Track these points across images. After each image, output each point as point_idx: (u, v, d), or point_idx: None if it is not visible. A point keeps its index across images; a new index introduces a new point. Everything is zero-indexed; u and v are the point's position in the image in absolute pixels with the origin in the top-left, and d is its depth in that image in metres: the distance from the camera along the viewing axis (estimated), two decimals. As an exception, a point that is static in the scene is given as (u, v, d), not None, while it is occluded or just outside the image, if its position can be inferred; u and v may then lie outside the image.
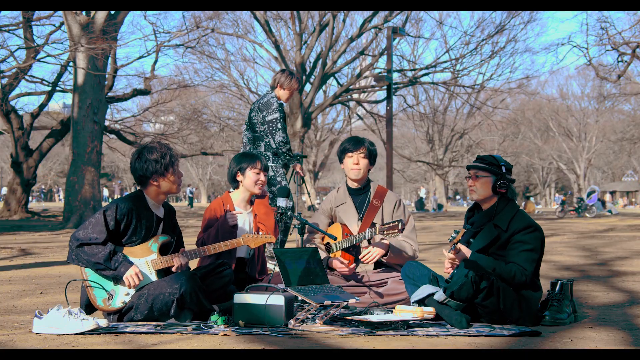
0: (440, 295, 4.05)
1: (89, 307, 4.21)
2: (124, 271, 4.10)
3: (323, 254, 5.00)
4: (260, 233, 4.64)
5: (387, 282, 4.89)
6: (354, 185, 5.21)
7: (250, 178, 4.95)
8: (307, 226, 5.11)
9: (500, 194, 4.27)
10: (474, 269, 4.02)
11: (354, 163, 5.13)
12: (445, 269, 4.33)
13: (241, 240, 4.58)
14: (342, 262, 4.86)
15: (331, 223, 5.23)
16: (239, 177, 4.98)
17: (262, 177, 4.97)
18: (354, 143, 5.18)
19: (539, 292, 4.19)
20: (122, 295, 4.17)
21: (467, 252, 4.16)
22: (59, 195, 60.77)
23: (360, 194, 5.19)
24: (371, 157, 5.18)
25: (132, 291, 4.16)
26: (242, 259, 4.93)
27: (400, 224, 4.53)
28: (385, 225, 4.61)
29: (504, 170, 4.27)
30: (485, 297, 3.97)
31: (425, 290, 4.23)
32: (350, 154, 5.15)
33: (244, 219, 4.97)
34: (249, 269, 4.93)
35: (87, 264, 4.13)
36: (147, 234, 4.27)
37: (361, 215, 5.10)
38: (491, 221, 4.23)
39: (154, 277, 4.22)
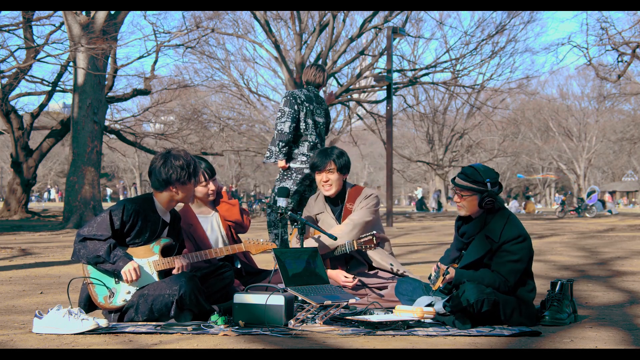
0: (440, 309, 4.07)
1: (88, 305, 4.21)
2: (122, 265, 4.09)
3: None
4: (262, 240, 4.66)
5: (387, 287, 4.90)
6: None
7: (200, 192, 4.88)
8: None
9: (487, 209, 4.23)
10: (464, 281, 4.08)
11: (323, 181, 5.03)
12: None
13: (242, 245, 4.61)
14: (346, 276, 4.86)
15: None
16: None
17: (211, 186, 4.88)
18: (320, 160, 5.03)
19: (533, 292, 4.21)
20: (123, 294, 4.17)
21: (451, 273, 4.16)
22: (58, 194, 60.67)
23: (337, 203, 5.13)
24: (342, 168, 5.03)
25: (133, 289, 4.16)
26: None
27: (374, 238, 4.57)
28: (362, 240, 4.66)
29: (489, 186, 4.19)
30: (487, 317, 4.00)
31: (422, 301, 4.26)
32: (317, 173, 5.06)
33: (210, 222, 4.93)
34: (244, 269, 4.94)
35: (87, 259, 4.12)
36: (151, 237, 4.26)
37: (339, 222, 5.07)
38: (482, 231, 4.20)
39: (155, 278, 4.22)
